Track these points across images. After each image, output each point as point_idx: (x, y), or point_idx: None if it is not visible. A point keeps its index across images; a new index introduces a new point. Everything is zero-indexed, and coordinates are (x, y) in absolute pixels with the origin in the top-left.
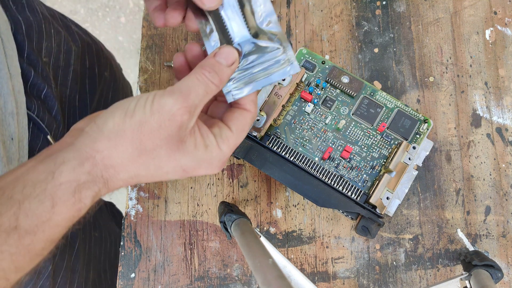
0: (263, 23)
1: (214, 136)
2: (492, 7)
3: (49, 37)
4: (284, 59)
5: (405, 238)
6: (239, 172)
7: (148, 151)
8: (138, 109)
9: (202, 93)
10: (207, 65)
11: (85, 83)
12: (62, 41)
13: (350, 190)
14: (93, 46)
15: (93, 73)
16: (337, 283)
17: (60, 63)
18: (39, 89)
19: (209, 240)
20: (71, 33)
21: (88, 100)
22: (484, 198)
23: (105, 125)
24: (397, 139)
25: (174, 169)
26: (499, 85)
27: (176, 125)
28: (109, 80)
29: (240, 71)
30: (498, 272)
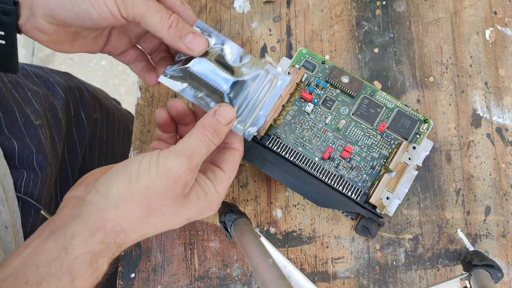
0: (237, 62)
1: (210, 182)
2: (492, 7)
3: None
4: (271, 78)
5: (405, 238)
6: (239, 172)
7: (156, 211)
8: (143, 173)
9: (205, 153)
10: (208, 125)
11: (72, 132)
12: (43, 100)
13: (350, 190)
14: (76, 91)
15: (79, 120)
16: (337, 283)
17: (50, 122)
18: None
19: (209, 240)
20: (50, 86)
21: (78, 148)
22: (484, 198)
23: (109, 193)
24: (397, 139)
25: (180, 222)
26: (499, 85)
27: (181, 185)
28: (101, 120)
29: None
30: (498, 272)
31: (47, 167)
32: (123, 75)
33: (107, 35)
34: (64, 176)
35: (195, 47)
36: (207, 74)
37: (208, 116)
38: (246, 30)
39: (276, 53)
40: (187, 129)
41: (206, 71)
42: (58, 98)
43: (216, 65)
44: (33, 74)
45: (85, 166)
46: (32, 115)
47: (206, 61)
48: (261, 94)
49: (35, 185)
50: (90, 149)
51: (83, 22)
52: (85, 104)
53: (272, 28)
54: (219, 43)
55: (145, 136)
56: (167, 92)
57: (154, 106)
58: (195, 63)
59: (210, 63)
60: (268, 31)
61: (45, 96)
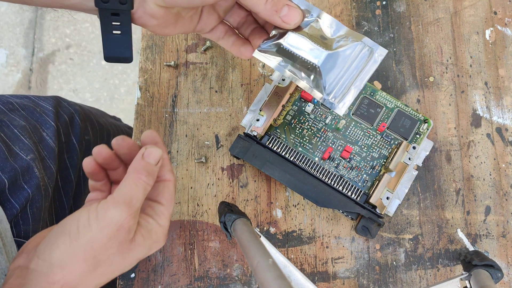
0: (332, 34)
1: (152, 218)
2: (492, 7)
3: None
4: (367, 50)
5: (405, 238)
6: (239, 172)
7: (103, 262)
8: (83, 229)
9: (142, 196)
10: (141, 168)
11: (64, 159)
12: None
13: (350, 190)
14: (65, 116)
15: (70, 146)
16: (337, 283)
17: (43, 153)
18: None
19: (209, 240)
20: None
21: (72, 175)
22: (484, 198)
23: (52, 257)
24: (397, 139)
25: (130, 264)
26: (499, 85)
27: (125, 232)
28: (94, 141)
29: (338, 82)
30: (498, 272)
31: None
32: (123, 75)
33: (199, 13)
34: (60, 205)
35: (290, 20)
36: (301, 48)
37: (138, 160)
38: None
39: None
40: (117, 173)
41: (300, 45)
42: (47, 127)
43: (310, 38)
44: (19, 107)
45: (80, 191)
46: (22, 151)
47: (300, 35)
48: (356, 67)
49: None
50: (83, 173)
51: (193, 1)
52: (76, 128)
53: None
54: (314, 15)
55: None
56: (167, 92)
57: (154, 106)
58: (289, 38)
59: (304, 38)
60: None
61: (33, 129)
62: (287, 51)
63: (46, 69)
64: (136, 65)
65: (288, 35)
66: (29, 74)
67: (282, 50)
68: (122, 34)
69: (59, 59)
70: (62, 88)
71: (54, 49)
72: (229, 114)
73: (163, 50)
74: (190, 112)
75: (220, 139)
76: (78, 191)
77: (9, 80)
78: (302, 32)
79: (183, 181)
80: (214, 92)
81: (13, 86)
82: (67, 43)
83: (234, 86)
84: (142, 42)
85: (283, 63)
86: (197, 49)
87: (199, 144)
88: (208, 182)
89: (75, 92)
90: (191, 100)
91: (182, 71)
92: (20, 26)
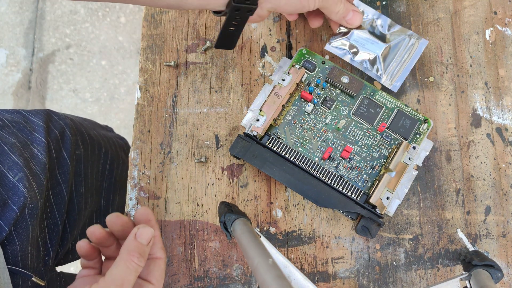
0: (386, 30)
1: None
2: (492, 7)
3: (6, 157)
4: (413, 42)
5: (405, 238)
6: (239, 172)
7: None
8: None
9: (133, 279)
10: (133, 249)
11: (56, 174)
12: (22, 151)
13: (350, 190)
14: (56, 131)
15: (61, 161)
16: (337, 283)
17: (35, 169)
18: (10, 217)
19: (209, 240)
20: (28, 134)
21: (64, 190)
22: (484, 198)
23: None
24: (397, 139)
25: None
26: (499, 85)
27: None
28: (85, 155)
29: (393, 67)
30: (498, 272)
31: (25, 220)
32: (123, 75)
33: None
34: (52, 221)
35: (353, 23)
36: (363, 43)
37: (130, 240)
38: (246, 30)
39: (276, 53)
40: (110, 250)
41: (362, 40)
42: (38, 144)
43: (370, 34)
44: (9, 123)
45: (73, 206)
46: (10, 171)
47: (362, 32)
48: (405, 54)
49: (15, 243)
50: (75, 187)
51: (295, 11)
52: (67, 143)
53: (272, 28)
54: (372, 16)
55: (145, 136)
56: (167, 92)
57: (154, 106)
58: (354, 35)
59: (365, 33)
60: (268, 31)
61: (23, 146)
62: (353, 44)
63: (46, 69)
64: (136, 65)
65: (353, 32)
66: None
67: (349, 43)
68: (235, 31)
69: (59, 59)
70: (62, 88)
71: (54, 49)
72: (229, 114)
73: (163, 50)
74: (190, 112)
75: (220, 139)
76: (71, 207)
77: (9, 80)
78: (363, 29)
79: (183, 181)
80: (214, 92)
81: (13, 86)
82: (67, 43)
83: (234, 86)
84: (142, 42)
85: (349, 54)
86: (197, 49)
87: (199, 144)
88: (208, 182)
89: (75, 92)
90: (191, 100)
91: (182, 71)
92: (20, 26)
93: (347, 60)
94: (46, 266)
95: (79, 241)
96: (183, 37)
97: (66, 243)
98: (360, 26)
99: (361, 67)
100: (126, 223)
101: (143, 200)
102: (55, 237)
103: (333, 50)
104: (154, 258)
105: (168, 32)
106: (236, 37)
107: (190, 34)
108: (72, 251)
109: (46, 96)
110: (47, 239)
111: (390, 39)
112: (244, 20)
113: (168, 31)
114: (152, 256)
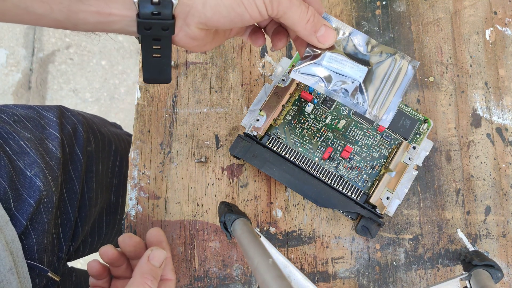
0: (365, 50)
1: None
2: (492, 7)
3: (22, 151)
4: (400, 63)
5: (405, 238)
6: (239, 172)
7: None
8: None
9: None
10: (146, 272)
11: (69, 170)
12: (37, 145)
13: (350, 190)
14: (69, 127)
15: (75, 157)
16: (337, 283)
17: (51, 164)
18: (27, 210)
19: (209, 240)
20: (42, 129)
21: (77, 186)
22: (484, 198)
23: None
24: (397, 139)
25: None
26: (499, 85)
27: None
28: (96, 152)
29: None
30: (498, 272)
31: (41, 214)
32: (123, 75)
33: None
34: (66, 217)
35: (325, 41)
36: (341, 67)
37: (144, 263)
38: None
39: (276, 53)
40: (120, 270)
41: (338, 64)
42: (52, 139)
43: (346, 56)
44: (24, 118)
45: (84, 202)
46: (26, 166)
47: (336, 54)
48: (392, 80)
49: (31, 236)
50: (86, 183)
51: (234, 24)
52: (79, 139)
53: None
54: (346, 34)
55: (145, 136)
56: (167, 92)
57: (154, 106)
58: (326, 58)
59: (340, 56)
60: None
61: (38, 141)
62: (326, 70)
63: (46, 69)
64: (136, 65)
65: (325, 54)
66: (29, 74)
67: (321, 70)
68: (162, 58)
69: (59, 59)
70: (62, 88)
71: (54, 49)
72: (229, 114)
73: None
74: (190, 112)
75: (220, 139)
76: (82, 203)
77: (9, 80)
78: (337, 50)
79: (183, 181)
80: (214, 92)
81: (13, 86)
82: (67, 43)
83: (234, 86)
84: None
85: (321, 82)
86: None
87: (199, 144)
88: (208, 182)
89: (75, 92)
90: (191, 100)
91: (182, 71)
92: (20, 26)
93: (321, 90)
94: (59, 261)
95: (90, 261)
96: None
97: (77, 239)
98: (333, 46)
99: (339, 99)
100: (138, 243)
101: (143, 200)
102: (68, 232)
103: (301, 79)
104: (165, 279)
105: None
106: (166, 65)
107: None
108: (82, 247)
109: (46, 96)
110: (60, 234)
111: (372, 62)
112: (166, 42)
113: None
114: (163, 278)
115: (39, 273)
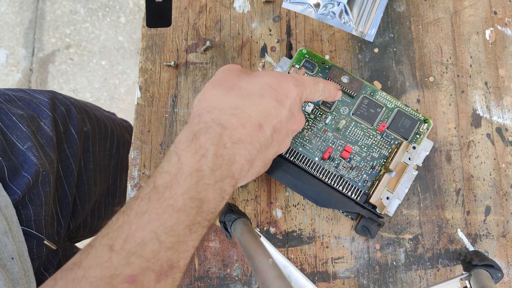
0: None
1: None
2: (492, 7)
3: (14, 126)
4: None
5: (405, 238)
6: None
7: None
8: None
9: None
10: None
11: (64, 148)
12: (29, 122)
13: (350, 190)
14: (61, 107)
15: (69, 136)
16: (337, 283)
17: (41, 141)
18: (22, 183)
19: (209, 240)
20: (34, 108)
21: (73, 164)
22: (484, 198)
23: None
24: (397, 139)
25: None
26: (499, 85)
27: None
28: (92, 133)
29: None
30: (498, 272)
31: (38, 187)
32: (123, 75)
33: None
34: (62, 193)
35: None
36: None
37: None
38: (246, 30)
39: (276, 53)
40: None
41: None
42: (44, 117)
43: None
44: (15, 98)
45: (82, 182)
46: (19, 140)
47: None
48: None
49: (28, 207)
50: (84, 163)
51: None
52: (73, 118)
53: (272, 28)
54: None
55: (145, 136)
56: (167, 92)
57: (154, 106)
58: None
59: None
60: (268, 31)
61: (30, 118)
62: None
63: (46, 69)
64: (136, 65)
65: None
66: (29, 74)
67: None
68: (163, 2)
69: (59, 59)
70: (62, 88)
71: (54, 49)
72: None
73: (163, 50)
74: (190, 112)
75: None
76: (80, 182)
77: (9, 80)
78: None
79: None
80: None
81: (13, 86)
82: (67, 43)
83: None
84: (142, 42)
85: (310, 8)
86: (197, 49)
87: None
88: None
89: (75, 92)
90: (191, 100)
91: (182, 71)
92: (20, 26)
93: (311, 15)
94: (59, 236)
95: None
96: (183, 37)
97: (77, 217)
98: None
99: (327, 21)
100: None
101: None
102: (65, 209)
103: (292, 7)
104: None
105: (168, 32)
106: (167, 10)
107: (190, 34)
108: (83, 226)
109: None
110: (58, 210)
111: None
112: None
113: (168, 31)
114: None
115: (37, 243)
